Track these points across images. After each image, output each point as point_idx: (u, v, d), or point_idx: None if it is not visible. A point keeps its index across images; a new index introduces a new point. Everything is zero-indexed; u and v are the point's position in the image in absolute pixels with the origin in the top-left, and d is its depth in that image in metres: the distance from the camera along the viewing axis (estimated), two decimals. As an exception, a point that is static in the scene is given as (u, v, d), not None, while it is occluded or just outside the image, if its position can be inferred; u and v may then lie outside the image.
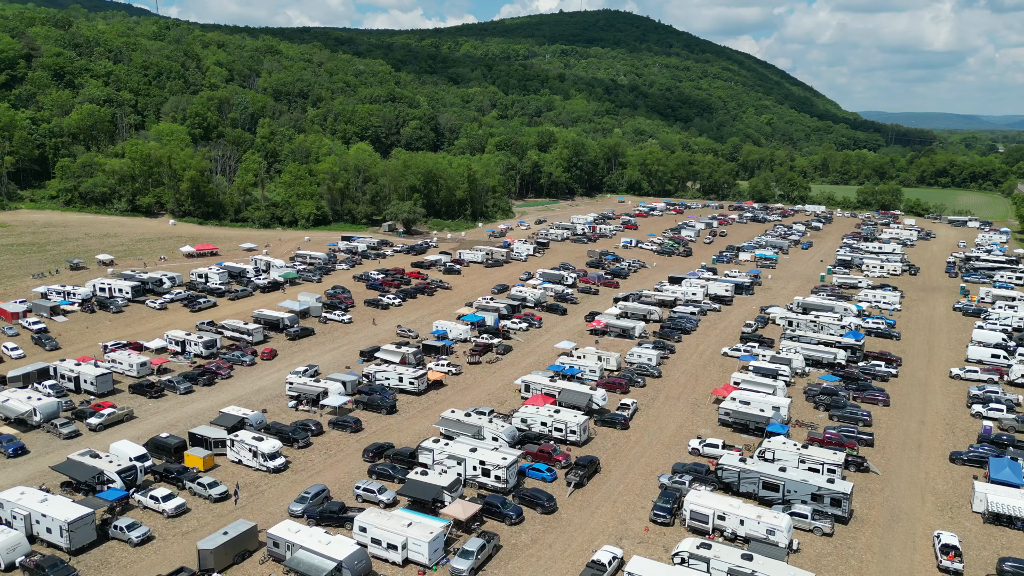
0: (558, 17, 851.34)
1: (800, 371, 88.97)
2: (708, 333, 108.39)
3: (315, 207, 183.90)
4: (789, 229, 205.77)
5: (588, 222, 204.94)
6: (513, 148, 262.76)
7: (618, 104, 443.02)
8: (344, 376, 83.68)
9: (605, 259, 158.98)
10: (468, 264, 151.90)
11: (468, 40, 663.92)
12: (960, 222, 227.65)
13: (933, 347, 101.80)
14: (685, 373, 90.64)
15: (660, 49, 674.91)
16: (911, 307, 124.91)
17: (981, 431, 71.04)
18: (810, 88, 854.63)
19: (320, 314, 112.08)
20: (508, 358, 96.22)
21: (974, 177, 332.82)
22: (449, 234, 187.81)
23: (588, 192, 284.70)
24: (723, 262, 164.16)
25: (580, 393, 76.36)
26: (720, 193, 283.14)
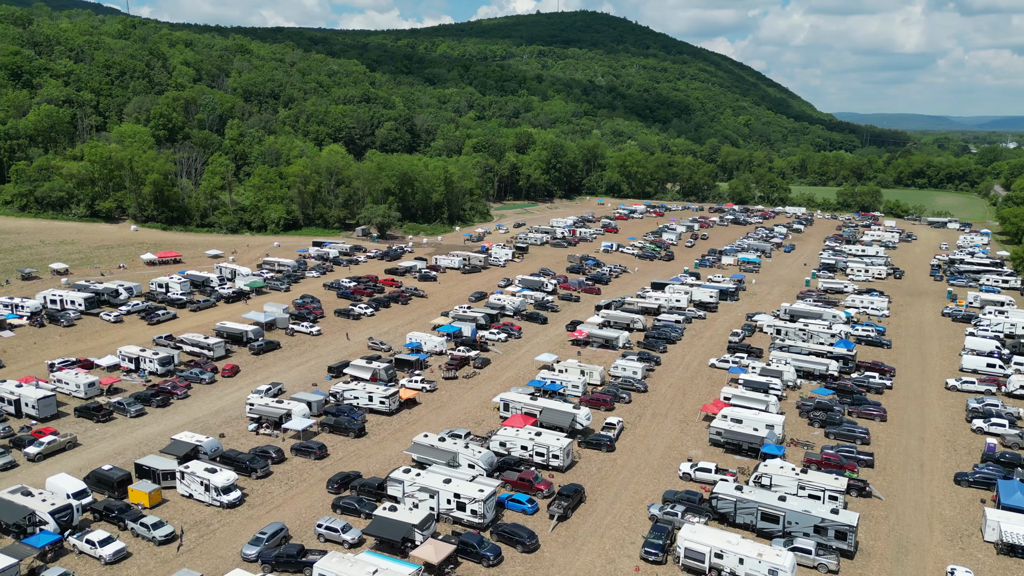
0: (535, 18, 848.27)
1: (792, 384, 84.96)
2: (694, 343, 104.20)
3: (285, 211, 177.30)
4: (771, 231, 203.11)
5: (568, 225, 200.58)
6: (491, 149, 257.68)
7: (596, 105, 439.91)
8: (309, 395, 78.02)
9: (586, 264, 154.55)
10: (444, 270, 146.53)
11: (445, 41, 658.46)
12: (940, 223, 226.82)
13: (926, 356, 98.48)
14: (672, 387, 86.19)
15: (637, 50, 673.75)
16: (899, 313, 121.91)
17: (984, 449, 67.35)
18: (786, 89, 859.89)
19: (287, 326, 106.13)
20: (486, 372, 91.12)
21: (950, 178, 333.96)
22: (425, 238, 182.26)
23: (567, 194, 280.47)
24: (706, 266, 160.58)
25: (563, 412, 71.49)
26: (700, 195, 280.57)
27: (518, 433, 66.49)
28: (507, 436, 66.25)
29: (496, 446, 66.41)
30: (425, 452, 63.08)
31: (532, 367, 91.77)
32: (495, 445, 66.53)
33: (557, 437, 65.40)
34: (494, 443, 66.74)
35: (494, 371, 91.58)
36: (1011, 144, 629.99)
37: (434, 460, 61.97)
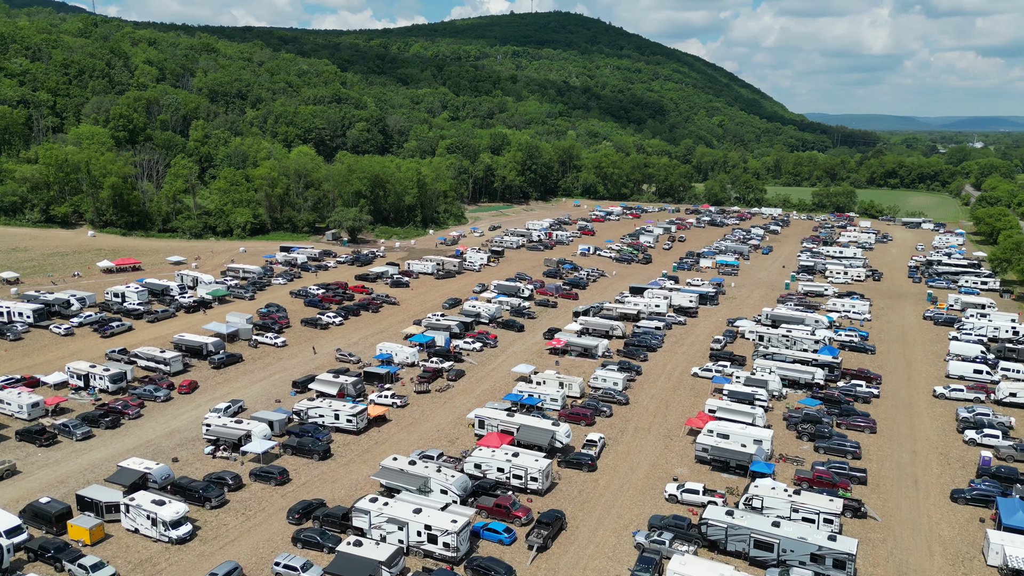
0: (509, 19, 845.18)
1: (777, 394, 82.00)
2: (675, 350, 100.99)
3: (252, 215, 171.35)
4: (748, 233, 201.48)
5: (544, 228, 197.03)
6: (465, 151, 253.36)
7: (571, 106, 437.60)
8: (271, 414, 73.19)
9: (563, 268, 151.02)
10: (417, 276, 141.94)
11: (418, 41, 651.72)
12: (914, 224, 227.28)
13: (911, 362, 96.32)
14: (654, 398, 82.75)
15: (611, 51, 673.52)
16: (880, 316, 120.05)
17: (979, 462, 64.78)
18: (758, 90, 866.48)
19: (251, 337, 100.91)
20: (460, 384, 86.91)
21: (922, 178, 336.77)
22: (398, 242, 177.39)
23: (543, 196, 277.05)
24: (684, 269, 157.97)
25: (541, 430, 67.56)
26: (676, 196, 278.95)
27: (494, 454, 62.44)
28: (482, 457, 62.15)
29: (471, 468, 62.28)
30: (394, 477, 58.74)
31: (509, 379, 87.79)
32: (470, 467, 62.40)
33: (536, 458, 61.46)
34: (468, 464, 62.61)
35: (469, 383, 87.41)
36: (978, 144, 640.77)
37: (404, 486, 57.65)
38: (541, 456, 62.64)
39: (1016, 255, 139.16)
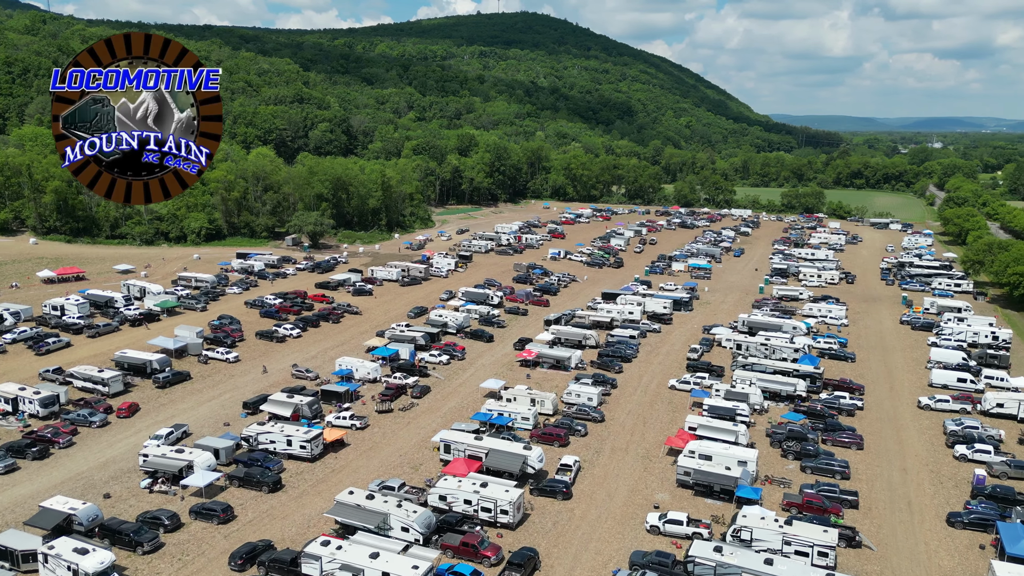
0: (476, 19, 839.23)
1: (759, 408, 78.19)
2: (650, 360, 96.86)
3: (207, 220, 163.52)
4: (719, 235, 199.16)
5: (513, 231, 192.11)
6: (431, 152, 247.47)
7: (539, 106, 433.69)
8: (217, 440, 67.07)
9: (533, 273, 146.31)
10: (381, 283, 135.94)
11: (384, 40, 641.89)
12: (882, 224, 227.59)
13: (891, 370, 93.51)
14: (631, 414, 78.35)
15: (579, 52, 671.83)
16: (856, 321, 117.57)
17: (973, 481, 61.54)
18: (723, 91, 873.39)
19: (201, 352, 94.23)
20: (425, 402, 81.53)
21: (887, 178, 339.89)
22: (361, 247, 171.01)
23: (512, 198, 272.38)
24: (656, 273, 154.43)
25: (512, 455, 62.59)
26: (646, 197, 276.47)
27: (460, 484, 57.28)
28: (448, 488, 56.94)
29: (435, 500, 57.04)
30: (350, 514, 53.26)
31: (477, 395, 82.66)
32: (434, 499, 57.16)
33: (506, 489, 56.44)
34: (433, 496, 57.37)
35: (435, 401, 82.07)
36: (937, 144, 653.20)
37: (361, 525, 52.20)
38: (512, 486, 57.69)
39: (988, 256, 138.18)
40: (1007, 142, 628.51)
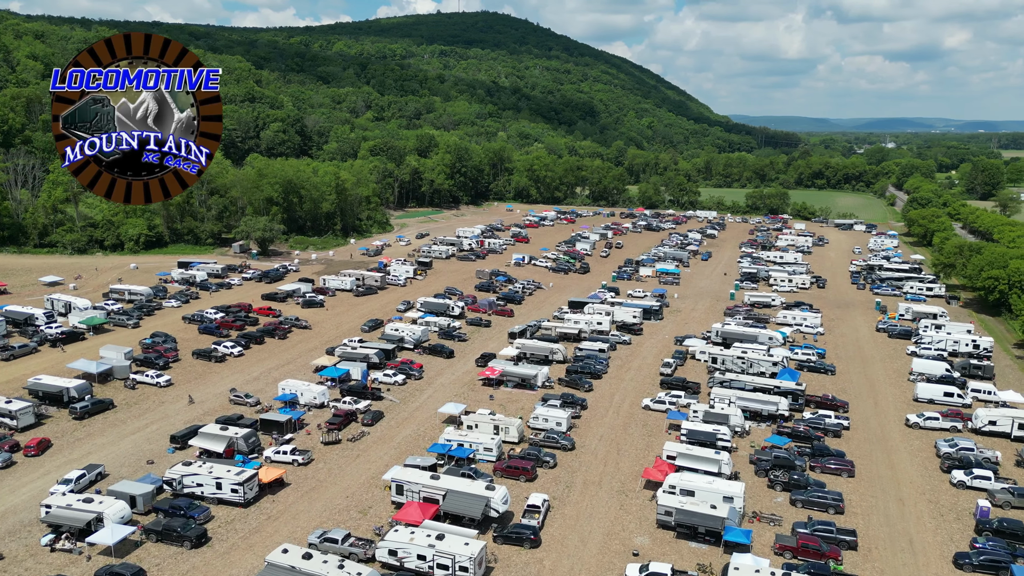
0: (436, 18, 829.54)
1: (740, 430, 72.45)
2: (621, 376, 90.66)
3: (147, 226, 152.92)
4: (685, 238, 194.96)
5: (475, 236, 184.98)
6: (390, 153, 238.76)
7: (501, 106, 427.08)
8: (134, 486, 58.52)
9: (496, 280, 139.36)
10: (334, 293, 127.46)
11: (341, 39, 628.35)
12: (846, 225, 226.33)
13: (873, 383, 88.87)
14: (603, 440, 71.89)
15: (540, 52, 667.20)
16: (832, 328, 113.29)
17: (976, 513, 56.48)
18: (684, 92, 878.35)
19: (128, 376, 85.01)
20: (378, 430, 73.88)
21: (847, 179, 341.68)
22: (314, 254, 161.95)
23: (474, 200, 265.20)
24: (624, 279, 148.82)
25: (472, 496, 55.48)
26: (610, 199, 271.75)
27: (414, 535, 49.99)
28: (399, 541, 49.57)
29: (384, 555, 49.65)
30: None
31: (435, 421, 75.34)
32: (382, 553, 49.76)
33: (466, 541, 49.29)
34: (381, 550, 49.96)
35: (388, 428, 74.47)
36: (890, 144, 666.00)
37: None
38: (472, 536, 50.59)
39: (959, 259, 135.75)
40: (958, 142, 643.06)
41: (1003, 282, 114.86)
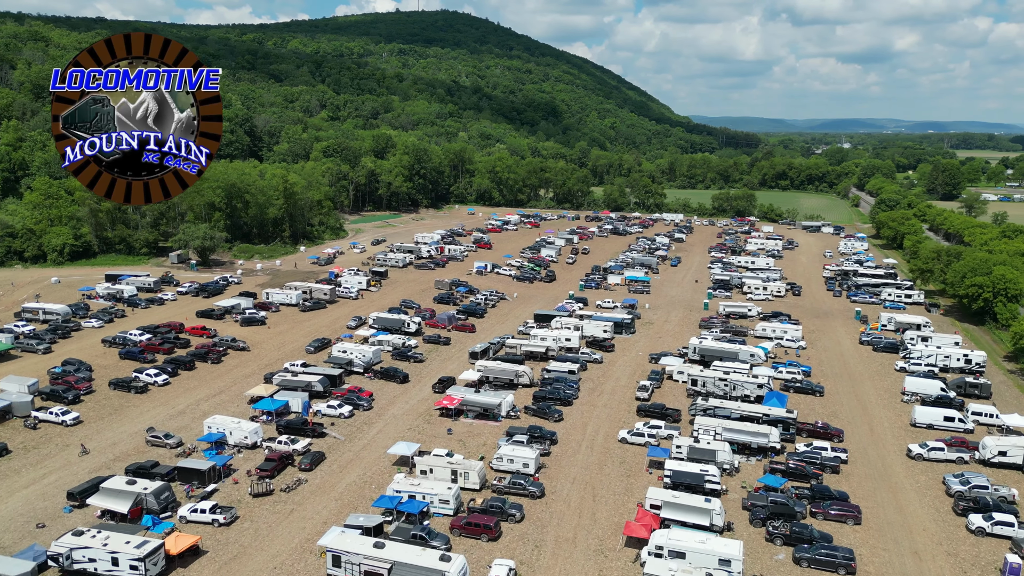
0: (395, 16, 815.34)
1: (729, 468, 64.50)
2: (593, 401, 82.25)
3: (72, 235, 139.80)
4: (653, 242, 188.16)
5: (435, 242, 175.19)
6: (344, 154, 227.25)
7: (462, 106, 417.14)
8: (10, 564, 47.86)
9: (456, 291, 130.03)
10: (277, 308, 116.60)
11: (297, 37, 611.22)
12: (814, 227, 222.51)
13: (865, 405, 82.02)
14: (576, 483, 63.24)
15: (501, 51, 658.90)
16: (813, 341, 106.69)
17: (1004, 571, 49.23)
18: (645, 92, 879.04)
19: (29, 413, 73.61)
20: (317, 476, 64.07)
21: (811, 179, 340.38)
22: (259, 264, 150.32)
23: (434, 203, 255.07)
24: (592, 287, 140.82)
25: (424, 571, 46.20)
26: (575, 202, 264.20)
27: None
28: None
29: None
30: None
31: (384, 463, 65.81)
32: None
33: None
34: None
35: (330, 473, 64.68)
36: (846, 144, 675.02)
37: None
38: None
39: (936, 264, 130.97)
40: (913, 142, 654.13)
41: (987, 290, 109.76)
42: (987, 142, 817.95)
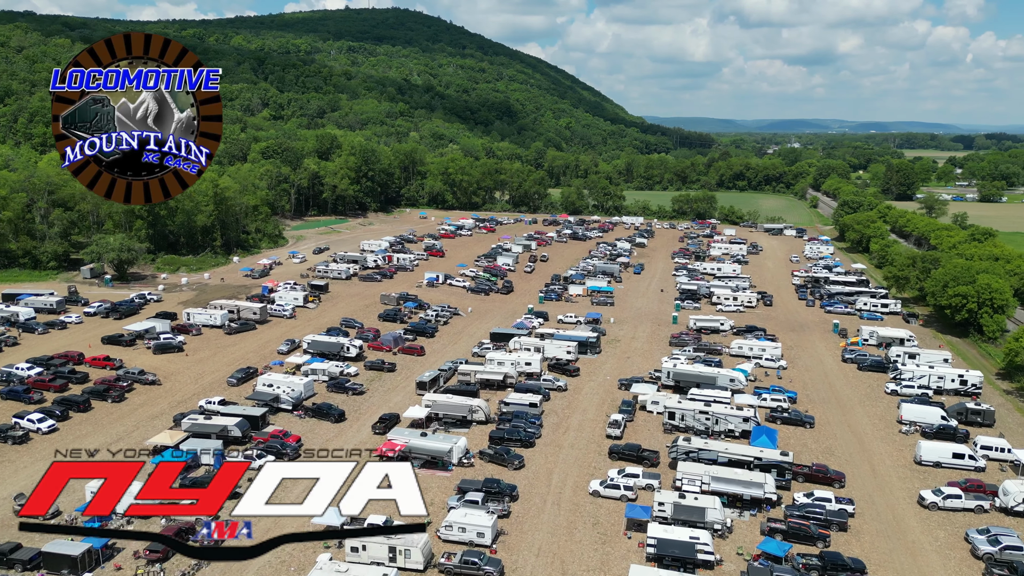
0: (344, 13, 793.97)
1: (721, 529, 54.64)
2: (559, 441, 71.80)
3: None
4: (614, 247, 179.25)
5: (383, 250, 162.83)
6: (285, 155, 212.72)
7: (413, 105, 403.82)
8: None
9: (405, 307, 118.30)
10: (199, 331, 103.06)
11: (241, 33, 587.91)
12: (776, 230, 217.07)
13: (861, 438, 73.44)
14: (543, 556, 52.51)
15: (454, 50, 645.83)
16: (793, 359, 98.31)
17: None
18: (599, 93, 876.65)
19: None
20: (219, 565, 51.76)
21: (767, 180, 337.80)
22: (185, 278, 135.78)
23: (384, 206, 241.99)
24: (552, 299, 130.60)
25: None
26: (531, 204, 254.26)
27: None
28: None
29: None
30: None
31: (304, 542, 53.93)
32: None
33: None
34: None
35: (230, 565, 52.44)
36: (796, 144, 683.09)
37: None
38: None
39: (912, 271, 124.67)
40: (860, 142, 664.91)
41: (972, 300, 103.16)
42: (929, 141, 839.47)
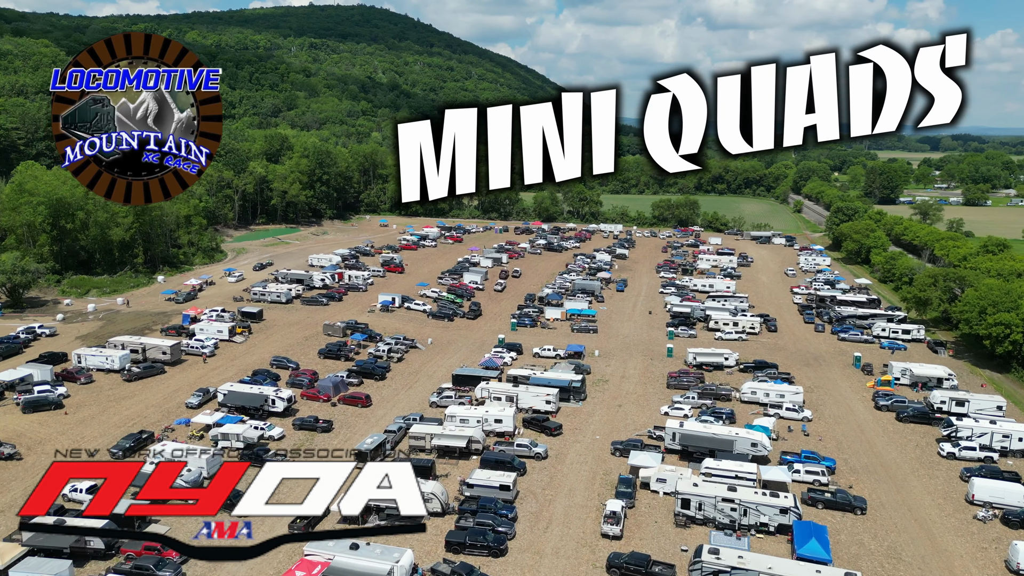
0: (307, 10, 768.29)
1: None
2: (539, 545, 54.16)
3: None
4: (593, 259, 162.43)
5: (333, 266, 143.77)
6: (228, 158, 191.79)
7: (377, 104, 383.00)
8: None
9: (351, 340, 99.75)
10: (90, 378, 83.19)
11: (196, 28, 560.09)
12: (764, 239, 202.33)
13: (930, 530, 56.83)
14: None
15: (422, 48, 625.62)
16: (816, 406, 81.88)
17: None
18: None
19: None
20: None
21: (748, 183, 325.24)
22: (92, 304, 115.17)
23: (340, 213, 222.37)
24: (526, 326, 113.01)
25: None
26: (502, 211, 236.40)
27: None
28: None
29: None
30: None
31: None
32: None
33: None
34: None
35: None
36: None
37: None
38: None
39: (934, 292, 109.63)
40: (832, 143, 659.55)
41: (1017, 330, 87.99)
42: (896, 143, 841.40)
